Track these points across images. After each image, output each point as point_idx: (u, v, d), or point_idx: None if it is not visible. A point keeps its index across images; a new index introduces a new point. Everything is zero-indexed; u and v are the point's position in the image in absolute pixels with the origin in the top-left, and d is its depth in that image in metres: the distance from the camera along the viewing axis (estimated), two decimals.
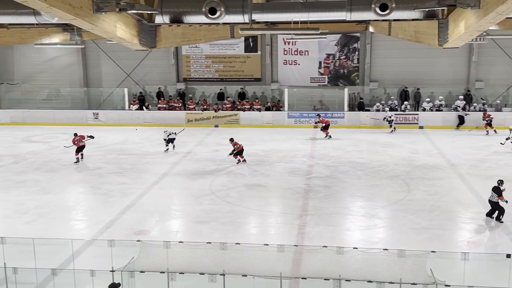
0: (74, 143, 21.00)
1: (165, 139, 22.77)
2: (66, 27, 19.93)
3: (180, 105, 29.83)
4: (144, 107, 30.03)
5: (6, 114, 29.54)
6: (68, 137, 25.66)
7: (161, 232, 13.82)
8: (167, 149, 22.68)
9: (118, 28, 10.20)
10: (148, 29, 11.42)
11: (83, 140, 21.03)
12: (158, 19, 12.52)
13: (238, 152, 20.39)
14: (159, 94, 30.66)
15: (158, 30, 11.67)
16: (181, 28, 13.11)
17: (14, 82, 31.23)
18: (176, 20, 13.13)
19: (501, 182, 13.65)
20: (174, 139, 22.79)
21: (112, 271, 8.81)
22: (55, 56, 31.33)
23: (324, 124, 25.40)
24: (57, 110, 29.64)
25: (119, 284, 8.62)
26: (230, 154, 20.34)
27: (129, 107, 30.00)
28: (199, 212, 15.19)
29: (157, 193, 17.10)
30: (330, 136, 25.18)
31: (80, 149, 21.00)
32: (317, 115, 26.70)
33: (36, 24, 15.93)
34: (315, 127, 26.42)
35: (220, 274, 8.65)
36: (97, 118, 29.26)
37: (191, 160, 21.30)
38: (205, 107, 29.53)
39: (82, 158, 21.17)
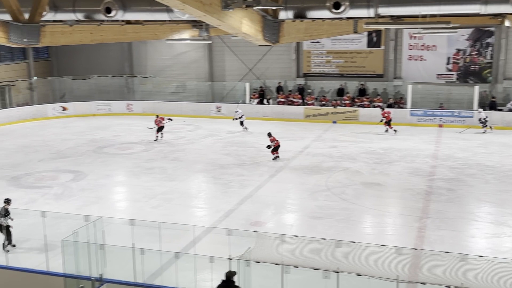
0: (155, 123, 24.31)
1: (236, 118, 25.98)
2: (195, 24, 20.91)
3: (299, 100, 29.97)
4: (265, 101, 30.62)
5: (139, 105, 31.77)
6: (193, 128, 27.07)
7: (276, 225, 14.03)
8: (245, 128, 26.04)
9: (243, 24, 10.47)
10: (272, 25, 11.58)
11: (163, 122, 24.37)
12: (282, 15, 12.66)
13: (274, 148, 20.60)
14: (279, 89, 31.07)
15: (281, 26, 11.79)
16: (304, 23, 13.13)
17: (146, 75, 33.48)
18: (300, 15, 13.18)
19: None
20: (243, 120, 26.14)
21: (230, 259, 9.10)
22: (183, 51, 33.06)
23: (385, 119, 25.11)
24: (184, 103, 31.27)
25: (235, 273, 8.90)
26: (268, 147, 20.64)
27: (249, 101, 30.78)
28: (314, 208, 15.18)
29: (273, 186, 17.37)
30: (395, 130, 25.02)
31: (160, 129, 24.32)
32: (381, 108, 26.29)
33: (168, 20, 16.93)
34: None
35: (334, 272, 8.56)
36: (219, 111, 30.41)
37: (308, 155, 21.33)
38: (323, 102, 29.38)
39: (162, 137, 24.41)
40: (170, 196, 16.58)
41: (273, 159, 20.54)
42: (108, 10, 12.78)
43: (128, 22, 17.29)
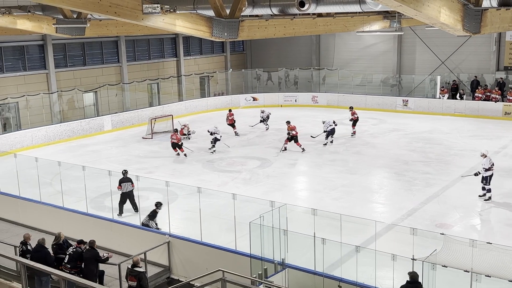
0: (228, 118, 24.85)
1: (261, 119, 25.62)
2: (386, 15, 20.39)
3: (498, 96, 27.31)
4: (458, 96, 28.63)
5: (324, 97, 32.19)
6: (377, 122, 26.57)
7: (464, 229, 13.15)
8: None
9: (442, 14, 9.85)
10: (473, 14, 10.69)
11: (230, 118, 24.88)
12: (485, 3, 11.63)
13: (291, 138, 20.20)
14: (473, 83, 28.73)
15: (484, 15, 10.79)
16: (511, 11, 11.87)
17: (333, 68, 33.73)
18: (506, 3, 11.97)
19: None
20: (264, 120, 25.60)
21: (413, 259, 8.75)
22: (372, 43, 32.49)
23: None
24: (369, 96, 30.82)
25: (417, 275, 8.52)
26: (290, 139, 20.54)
27: (438, 96, 29.11)
28: (510, 215, 13.84)
29: (463, 188, 16.23)
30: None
31: (232, 125, 24.79)
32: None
33: (360, 12, 16.75)
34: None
35: None
36: (406, 105, 29.31)
37: (505, 157, 19.45)
38: None
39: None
40: (351, 189, 16.54)
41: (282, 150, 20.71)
42: (301, 4, 13.10)
43: (320, 15, 17.54)
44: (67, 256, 10.43)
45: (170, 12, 12.30)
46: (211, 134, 21.54)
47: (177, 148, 20.81)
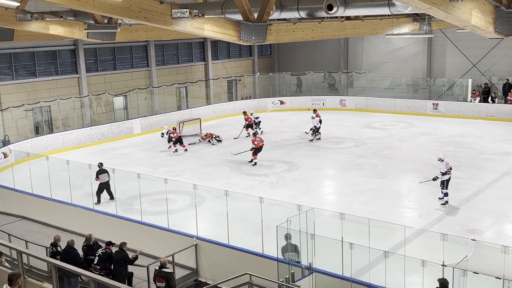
0: (246, 120, 24.85)
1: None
2: (416, 17, 20.12)
3: None
4: (490, 99, 28.05)
5: (352, 101, 31.93)
6: (406, 126, 26.23)
7: (496, 235, 12.87)
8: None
9: (473, 16, 9.69)
10: (505, 16, 10.47)
11: (251, 118, 24.83)
12: None
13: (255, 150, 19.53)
14: (505, 86, 28.10)
15: None
16: None
17: (361, 71, 33.45)
18: None
19: None
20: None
21: (443, 265, 8.61)
22: (401, 46, 32.12)
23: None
24: (398, 99, 30.45)
25: (447, 282, 8.37)
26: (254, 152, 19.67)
27: (470, 99, 28.58)
28: None
29: (496, 193, 15.88)
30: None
31: (249, 126, 24.57)
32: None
33: (389, 15, 16.60)
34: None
35: None
36: (436, 109, 28.86)
37: None
38: None
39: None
40: (379, 193, 16.36)
41: (249, 161, 19.91)
42: (330, 7, 13.04)
43: (348, 18, 17.46)
44: (97, 257, 10.59)
45: (198, 17, 12.42)
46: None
47: (177, 144, 22.23)
